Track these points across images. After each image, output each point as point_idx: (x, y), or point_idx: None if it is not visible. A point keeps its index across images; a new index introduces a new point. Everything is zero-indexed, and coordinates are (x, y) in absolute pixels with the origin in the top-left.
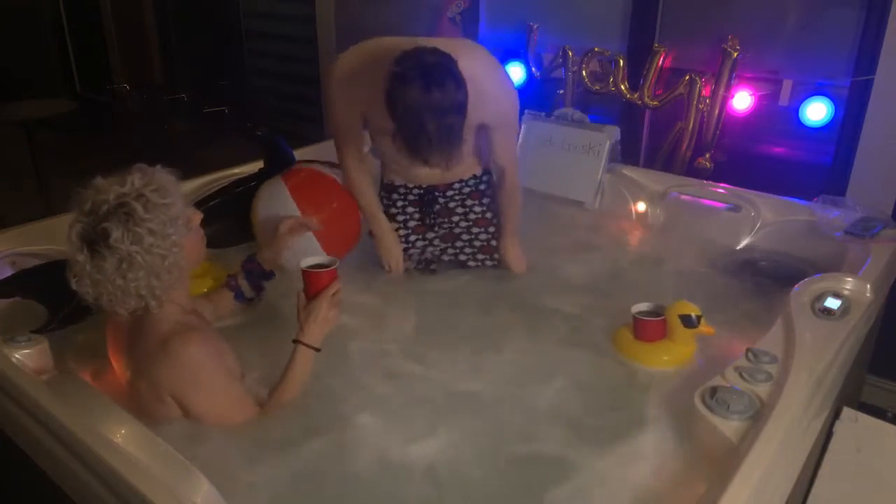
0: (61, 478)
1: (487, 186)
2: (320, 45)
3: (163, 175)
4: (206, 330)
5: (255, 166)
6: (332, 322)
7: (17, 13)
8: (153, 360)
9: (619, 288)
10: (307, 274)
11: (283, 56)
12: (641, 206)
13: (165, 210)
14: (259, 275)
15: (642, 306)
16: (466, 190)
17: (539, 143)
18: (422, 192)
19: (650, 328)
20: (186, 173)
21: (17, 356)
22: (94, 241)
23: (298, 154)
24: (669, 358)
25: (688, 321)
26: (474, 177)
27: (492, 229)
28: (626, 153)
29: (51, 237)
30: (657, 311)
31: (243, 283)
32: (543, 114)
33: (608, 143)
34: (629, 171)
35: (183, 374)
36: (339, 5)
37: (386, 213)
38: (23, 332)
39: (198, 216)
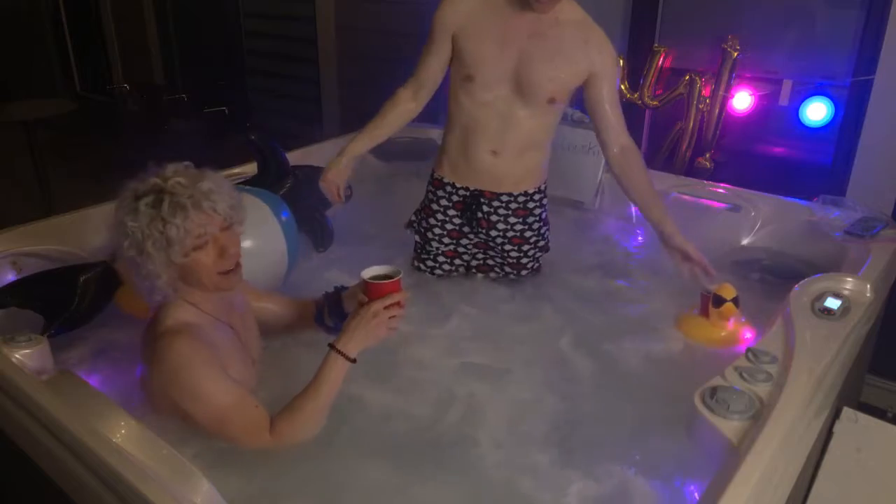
0: (61, 478)
1: (537, 204)
2: (320, 45)
3: (206, 190)
4: (209, 333)
5: (254, 167)
6: (377, 334)
7: (17, 13)
8: (147, 358)
9: (618, 287)
10: (368, 286)
11: (283, 56)
12: None
13: (164, 226)
14: (337, 313)
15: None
16: (513, 206)
17: None
18: (468, 194)
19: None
20: None
21: (17, 356)
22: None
23: (298, 155)
24: (700, 335)
25: (715, 300)
26: (525, 193)
27: (525, 247)
28: None
29: (51, 237)
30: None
31: (328, 315)
32: None
33: None
34: None
35: (169, 375)
36: (339, 5)
37: (428, 207)
38: (23, 332)
39: (220, 248)
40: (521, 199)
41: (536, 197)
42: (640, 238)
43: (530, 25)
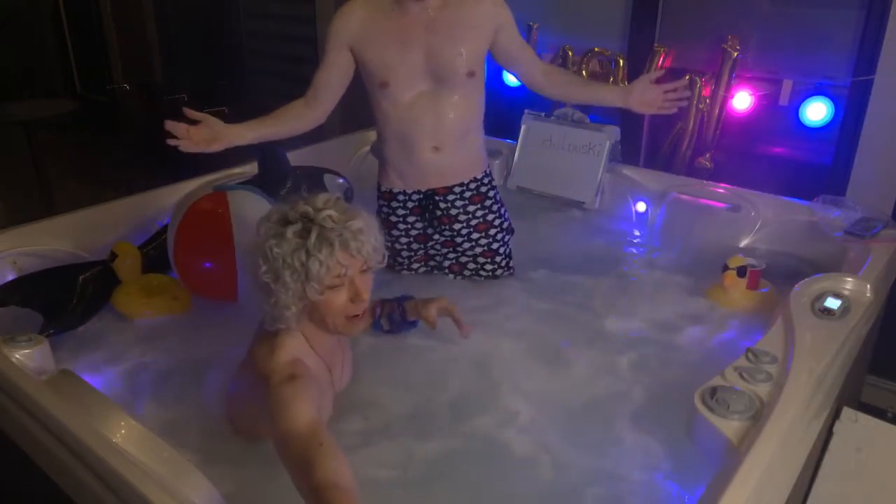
0: (61, 478)
1: (489, 188)
2: (320, 45)
3: (353, 236)
4: (310, 370)
5: (255, 166)
6: None
7: (17, 13)
8: (254, 391)
9: (618, 287)
10: None
11: (283, 56)
12: (641, 206)
13: (298, 253)
14: (400, 321)
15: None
16: (468, 194)
17: (539, 143)
18: (421, 196)
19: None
20: (186, 173)
21: (17, 356)
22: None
23: (298, 155)
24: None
25: (723, 269)
26: (475, 179)
27: (492, 231)
28: (626, 153)
29: (51, 237)
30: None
31: (384, 319)
32: (543, 114)
33: (608, 143)
34: (629, 171)
35: (272, 410)
36: (338, 5)
37: (386, 220)
38: (23, 332)
39: (348, 296)
40: (472, 185)
41: (486, 181)
42: (640, 238)
43: (422, 19)
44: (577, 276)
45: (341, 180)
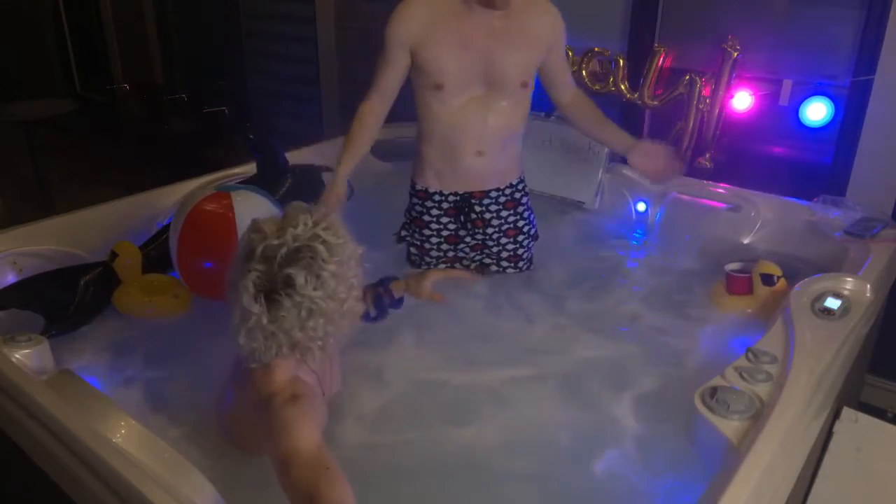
0: (61, 478)
1: (522, 194)
2: (320, 45)
3: (330, 214)
4: (311, 397)
5: (254, 166)
6: None
7: (17, 13)
8: (254, 412)
9: (618, 287)
10: None
11: (283, 56)
12: (641, 206)
13: (342, 249)
14: (388, 302)
15: (735, 265)
16: (503, 199)
17: (539, 143)
18: (458, 198)
19: (736, 283)
20: (186, 173)
21: (17, 356)
22: (274, 289)
23: (299, 155)
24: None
25: (766, 279)
26: (510, 185)
27: (520, 238)
28: None
29: (51, 237)
30: (745, 270)
31: (369, 304)
32: (543, 114)
33: None
34: (629, 171)
35: (275, 429)
36: (339, 5)
37: (419, 219)
38: (23, 332)
39: (360, 250)
40: (507, 191)
41: (521, 187)
42: (640, 238)
43: (485, 24)
44: (576, 276)
45: None
